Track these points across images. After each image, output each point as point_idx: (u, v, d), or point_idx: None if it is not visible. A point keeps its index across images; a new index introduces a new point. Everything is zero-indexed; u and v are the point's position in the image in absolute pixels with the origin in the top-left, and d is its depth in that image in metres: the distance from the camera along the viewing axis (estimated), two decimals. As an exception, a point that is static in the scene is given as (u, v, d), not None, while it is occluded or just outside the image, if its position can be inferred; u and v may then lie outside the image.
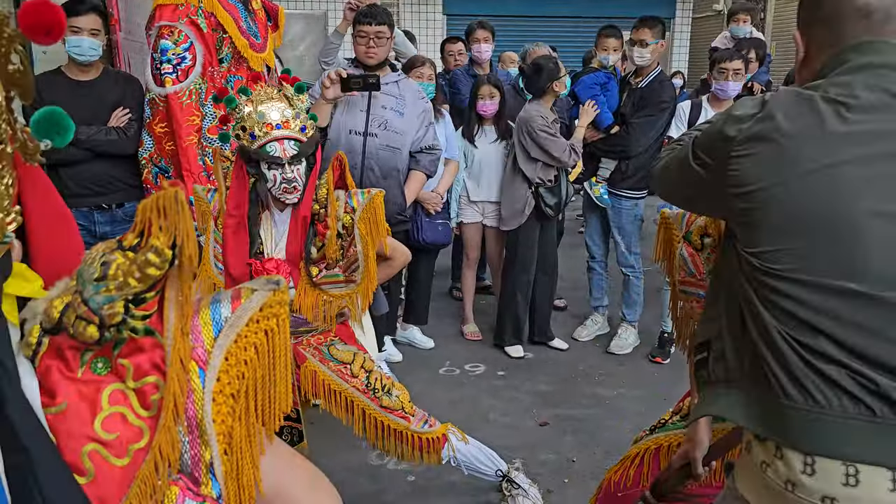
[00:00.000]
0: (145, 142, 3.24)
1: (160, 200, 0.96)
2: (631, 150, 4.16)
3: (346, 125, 3.50)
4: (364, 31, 3.48)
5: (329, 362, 2.44)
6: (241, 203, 2.28)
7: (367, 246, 2.33)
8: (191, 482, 1.03)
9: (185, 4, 3.08)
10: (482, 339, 4.53)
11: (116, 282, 0.94)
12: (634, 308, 4.41)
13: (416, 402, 2.53)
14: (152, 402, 0.98)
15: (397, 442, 2.46)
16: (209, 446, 1.03)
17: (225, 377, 1.04)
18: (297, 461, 1.32)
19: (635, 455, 2.00)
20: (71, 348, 0.96)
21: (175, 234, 0.96)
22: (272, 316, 1.09)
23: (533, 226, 4.20)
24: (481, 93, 4.18)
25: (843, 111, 1.16)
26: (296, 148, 2.22)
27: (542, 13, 9.96)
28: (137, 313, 0.96)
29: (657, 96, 4.10)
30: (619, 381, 3.99)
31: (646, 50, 4.06)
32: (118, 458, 0.95)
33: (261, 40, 3.35)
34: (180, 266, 0.98)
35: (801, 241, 1.15)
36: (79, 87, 3.26)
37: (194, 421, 1.01)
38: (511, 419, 3.54)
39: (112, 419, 0.95)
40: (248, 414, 1.08)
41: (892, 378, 1.09)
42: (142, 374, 0.98)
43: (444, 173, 4.12)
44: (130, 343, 0.97)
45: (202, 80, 3.12)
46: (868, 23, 1.23)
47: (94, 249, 0.99)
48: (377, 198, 2.35)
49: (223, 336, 1.05)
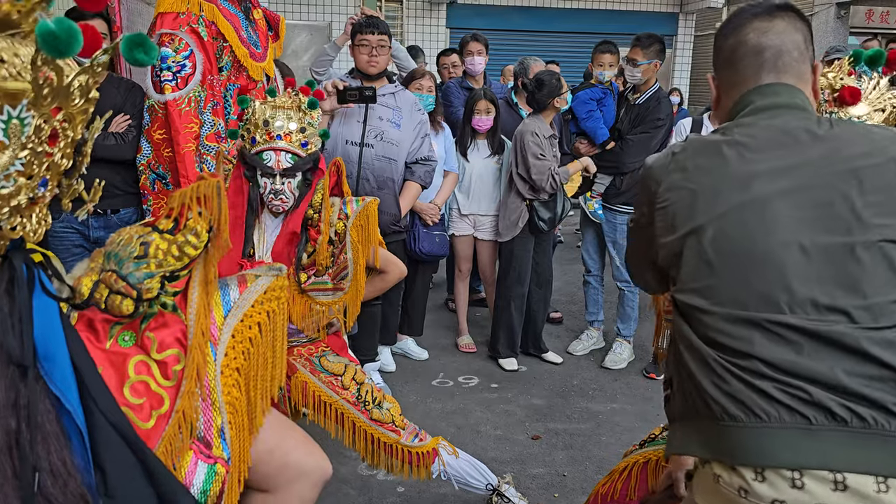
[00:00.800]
0: (143, 148, 3.25)
1: (200, 189, 1.10)
2: (626, 165, 4.18)
3: (342, 135, 3.52)
4: (367, 41, 3.51)
5: (320, 373, 2.43)
6: (236, 204, 2.29)
7: (357, 253, 2.33)
8: (203, 446, 1.12)
9: (186, 13, 3.09)
10: (476, 352, 4.53)
11: (156, 259, 1.06)
12: (629, 323, 4.41)
13: (408, 412, 2.53)
14: (173, 372, 1.07)
15: (387, 455, 2.45)
16: (220, 413, 1.13)
17: (231, 353, 1.15)
18: (293, 427, 1.44)
19: (623, 468, 2.01)
20: (101, 321, 1.05)
21: (213, 220, 1.09)
22: (274, 298, 1.22)
23: (527, 238, 4.20)
24: (478, 107, 4.20)
25: (744, 152, 1.28)
26: (290, 161, 2.23)
27: (544, 28, 10.02)
28: (170, 289, 1.07)
29: (654, 113, 4.13)
30: (613, 396, 3.99)
31: (637, 69, 4.09)
32: (144, 421, 1.03)
33: (261, 50, 3.37)
34: (211, 248, 1.11)
35: (723, 277, 1.26)
36: None
37: (207, 389, 1.11)
38: (503, 432, 3.53)
39: (138, 386, 1.05)
40: (249, 385, 1.19)
41: (821, 388, 1.16)
42: (165, 346, 1.07)
43: (442, 185, 4.13)
44: (157, 318, 1.08)
45: (201, 88, 3.13)
46: (761, 60, 1.36)
47: (122, 232, 1.10)
48: (371, 205, 2.36)
49: (231, 316, 1.16)
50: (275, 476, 1.34)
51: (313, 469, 1.39)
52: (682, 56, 10.47)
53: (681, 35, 10.43)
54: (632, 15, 10.01)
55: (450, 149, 4.21)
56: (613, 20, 9.89)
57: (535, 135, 3.99)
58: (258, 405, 1.21)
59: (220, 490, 1.13)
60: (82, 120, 0.94)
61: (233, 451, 1.16)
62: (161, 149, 3.18)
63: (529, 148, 3.98)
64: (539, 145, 3.99)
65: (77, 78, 0.86)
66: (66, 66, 0.84)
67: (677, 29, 10.39)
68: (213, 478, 1.12)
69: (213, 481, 1.12)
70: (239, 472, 1.18)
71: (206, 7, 3.12)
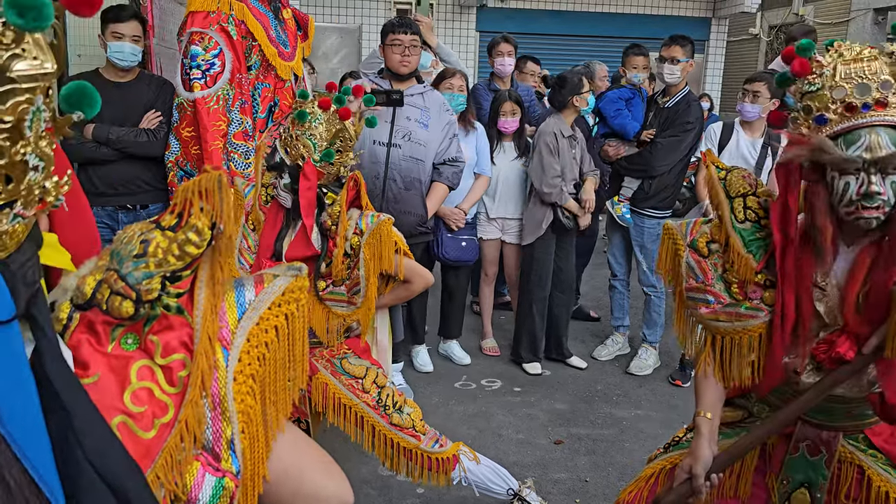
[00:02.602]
0: (172, 145, 3.29)
1: (203, 183, 1.01)
2: (654, 169, 4.12)
3: (370, 135, 3.52)
4: (399, 40, 3.51)
5: (341, 376, 2.42)
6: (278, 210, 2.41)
7: (369, 270, 2.32)
8: (211, 458, 1.05)
9: (216, 12, 3.12)
10: (500, 355, 4.50)
11: (156, 259, 0.98)
12: (655, 329, 4.35)
13: (430, 415, 2.51)
14: (178, 378, 1.01)
15: (406, 460, 2.43)
16: (230, 423, 1.06)
17: (246, 358, 1.07)
18: (312, 446, 1.35)
19: (650, 475, 1.96)
20: (102, 323, 0.99)
21: (215, 216, 1.01)
22: (293, 300, 1.13)
23: (549, 241, 4.16)
24: (503, 109, 4.17)
25: None
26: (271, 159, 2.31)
27: (574, 32, 9.95)
28: (172, 290, 1.00)
29: (684, 117, 4.07)
30: (638, 403, 3.93)
31: (676, 67, 4.03)
32: (145, 430, 0.97)
33: (290, 49, 3.39)
34: (216, 247, 1.03)
35: None
36: (115, 88, 3.35)
37: (217, 398, 1.04)
38: (525, 436, 3.50)
39: (140, 393, 0.98)
40: (265, 394, 1.11)
41: None
42: (170, 351, 1.01)
43: (471, 189, 4.09)
44: (161, 320, 1.01)
45: (230, 87, 3.16)
46: None
47: (128, 229, 1.02)
48: (385, 225, 2.33)
49: (246, 318, 1.08)
50: (288, 502, 1.24)
51: (331, 497, 1.28)
52: (715, 61, 10.33)
53: (713, 40, 10.29)
54: (663, 20, 9.89)
55: (482, 150, 4.13)
56: (645, 24, 9.79)
57: (555, 133, 3.97)
58: (275, 415, 1.14)
59: None
60: (18, 104, 0.74)
61: (245, 465, 1.08)
62: (189, 146, 3.22)
63: (546, 147, 3.97)
64: (554, 148, 3.96)
65: None
66: None
67: (709, 34, 10.26)
68: (220, 492, 1.05)
69: (220, 496, 1.05)
70: (253, 486, 1.11)
71: (237, 6, 3.15)
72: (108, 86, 3.32)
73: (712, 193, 1.67)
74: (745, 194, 1.62)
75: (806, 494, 1.72)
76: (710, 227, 1.67)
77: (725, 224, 1.62)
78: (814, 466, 1.70)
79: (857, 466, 1.68)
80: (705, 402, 1.65)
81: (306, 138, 2.25)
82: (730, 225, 1.61)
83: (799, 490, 1.73)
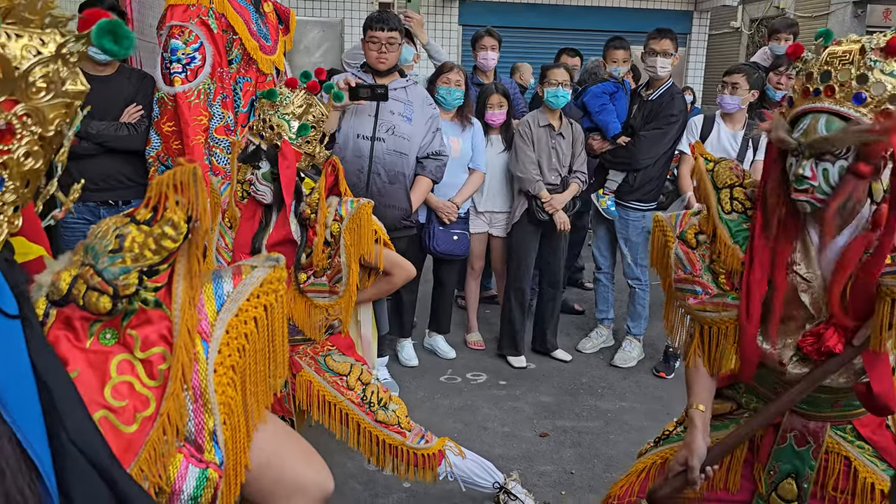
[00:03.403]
0: (153, 140, 3.25)
1: (177, 175, 1.01)
2: (639, 162, 4.14)
3: (354, 129, 3.51)
4: (376, 37, 3.49)
5: (325, 373, 2.40)
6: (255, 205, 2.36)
7: (350, 256, 2.29)
8: (194, 449, 1.05)
9: (196, 5, 3.09)
10: (485, 349, 4.51)
11: (132, 254, 0.97)
12: (640, 321, 4.37)
13: (416, 409, 2.51)
14: (159, 371, 1.00)
15: (392, 457, 2.42)
16: (212, 415, 1.06)
17: (226, 349, 1.08)
18: (293, 436, 1.36)
19: (641, 469, 1.96)
20: (80, 319, 0.98)
21: (191, 209, 1.00)
22: (271, 291, 1.13)
23: (528, 233, 4.17)
24: (490, 102, 4.16)
25: None
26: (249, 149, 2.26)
27: (556, 25, 9.95)
28: (150, 285, 1.00)
29: (668, 109, 4.08)
30: (622, 395, 3.95)
31: (668, 60, 4.05)
32: (127, 424, 0.97)
33: (271, 43, 3.36)
34: (193, 240, 1.03)
35: None
36: (94, 82, 3.27)
37: (198, 390, 1.04)
38: (511, 429, 3.51)
39: (120, 388, 0.98)
40: (246, 385, 1.12)
41: None
42: (149, 344, 1.00)
43: (466, 183, 4.08)
44: (139, 314, 1.00)
45: (211, 81, 3.12)
46: None
47: (102, 223, 1.02)
48: (364, 208, 2.30)
49: (225, 310, 1.08)
50: (269, 490, 1.24)
51: (311, 485, 1.29)
52: (697, 54, 10.36)
53: (695, 33, 10.32)
54: (646, 13, 9.91)
55: (477, 146, 4.11)
56: (627, 18, 9.80)
57: (528, 124, 4.05)
58: (256, 405, 1.14)
59: (213, 497, 1.07)
60: (59, 116, 0.86)
61: (227, 455, 1.09)
62: (170, 141, 3.18)
63: (520, 137, 4.04)
64: (527, 136, 4.02)
65: (36, 68, 0.80)
66: (23, 56, 0.78)
67: (691, 27, 10.29)
68: (204, 483, 1.05)
69: (204, 487, 1.05)
70: (236, 476, 1.11)
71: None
72: (88, 80, 3.27)
73: (700, 185, 1.67)
74: (731, 185, 1.63)
75: (793, 484, 1.73)
76: (698, 218, 1.68)
77: (713, 215, 1.63)
78: (801, 457, 1.71)
79: (844, 458, 1.69)
80: (697, 393, 1.65)
81: (279, 118, 2.24)
82: (717, 216, 1.63)
83: (786, 480, 1.74)
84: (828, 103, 1.39)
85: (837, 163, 1.40)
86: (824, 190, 1.42)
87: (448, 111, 3.99)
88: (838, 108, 1.38)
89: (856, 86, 1.37)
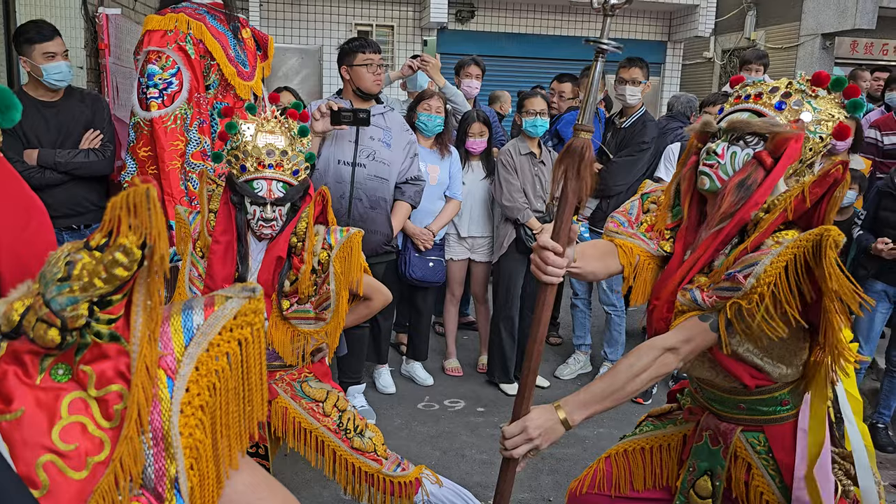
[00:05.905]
0: (128, 165, 3.22)
1: (130, 197, 0.90)
2: (611, 189, 4.19)
3: (334, 155, 3.51)
4: (371, 59, 3.51)
5: (301, 399, 2.38)
6: (228, 229, 2.25)
7: (339, 284, 2.28)
8: (153, 498, 0.96)
9: (174, 31, 3.09)
10: (462, 375, 4.49)
11: (81, 282, 0.88)
12: (616, 347, 4.39)
13: (393, 436, 2.48)
14: (115, 412, 0.91)
15: (368, 485, 2.39)
16: (175, 460, 0.96)
17: (195, 387, 0.98)
18: (272, 485, 1.23)
19: (597, 462, 2.11)
20: (30, 353, 0.89)
21: (145, 234, 0.90)
22: (246, 325, 1.02)
23: (515, 261, 4.18)
24: (472, 130, 4.19)
25: None
26: (283, 191, 2.20)
27: (534, 55, 10.10)
28: (102, 317, 0.90)
29: (640, 136, 4.15)
30: (600, 421, 3.94)
31: (637, 88, 4.12)
32: (76, 470, 0.88)
33: (249, 69, 3.37)
34: (150, 268, 0.92)
35: None
36: (44, 107, 3.23)
37: (160, 433, 0.94)
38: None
39: (71, 429, 0.89)
40: (217, 427, 1.01)
41: None
42: (105, 382, 0.91)
43: (442, 211, 4.10)
44: (94, 349, 0.91)
45: (188, 106, 3.12)
46: None
47: (59, 249, 0.92)
48: (355, 237, 2.31)
49: (194, 344, 0.99)
50: None
51: None
52: (670, 84, 10.56)
53: (668, 63, 10.54)
54: (620, 42, 10.12)
55: (454, 175, 4.13)
56: (602, 48, 9.99)
57: (509, 153, 4.07)
58: (228, 449, 1.03)
59: None
60: None
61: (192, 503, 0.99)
62: (146, 166, 3.16)
63: (502, 167, 4.07)
64: (510, 165, 4.05)
65: None
66: None
67: (665, 57, 10.50)
68: None
69: None
70: None
71: (194, 25, 3.12)
72: (39, 106, 3.19)
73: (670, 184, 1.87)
74: None
75: (708, 482, 1.84)
76: (660, 194, 1.89)
77: (668, 192, 1.87)
78: (714, 455, 1.82)
79: (747, 464, 1.79)
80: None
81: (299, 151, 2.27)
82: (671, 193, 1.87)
83: (703, 477, 1.85)
84: (752, 104, 1.65)
85: (745, 150, 1.61)
86: (727, 170, 1.63)
87: (427, 138, 4.01)
88: (760, 108, 1.64)
89: (779, 98, 1.64)
